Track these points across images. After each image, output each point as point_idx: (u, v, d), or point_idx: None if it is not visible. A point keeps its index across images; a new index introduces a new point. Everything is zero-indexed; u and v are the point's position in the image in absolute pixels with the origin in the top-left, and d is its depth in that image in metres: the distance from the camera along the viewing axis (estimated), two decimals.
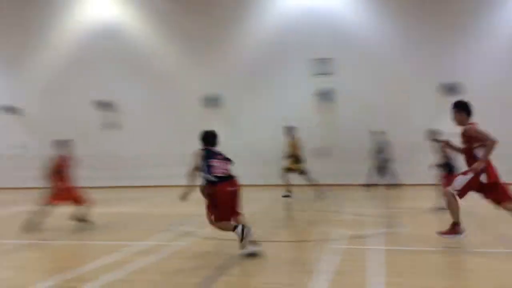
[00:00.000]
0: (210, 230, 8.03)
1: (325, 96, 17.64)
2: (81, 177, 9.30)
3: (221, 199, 6.27)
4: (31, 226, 8.31)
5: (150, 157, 19.68)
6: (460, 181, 6.40)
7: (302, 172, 13.04)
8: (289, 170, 13.19)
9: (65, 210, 8.78)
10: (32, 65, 20.91)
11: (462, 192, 6.37)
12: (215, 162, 6.36)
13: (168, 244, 7.22)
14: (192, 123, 19.23)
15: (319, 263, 5.78)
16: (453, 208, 6.45)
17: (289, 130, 13.43)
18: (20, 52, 20.74)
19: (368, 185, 15.17)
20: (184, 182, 6.31)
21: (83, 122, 19.73)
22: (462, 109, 6.60)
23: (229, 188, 6.31)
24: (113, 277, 5.34)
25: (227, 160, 6.52)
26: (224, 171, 6.37)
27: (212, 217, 6.37)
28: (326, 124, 17.94)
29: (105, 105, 19.55)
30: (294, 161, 13.09)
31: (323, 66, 17.62)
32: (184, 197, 6.35)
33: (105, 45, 19.96)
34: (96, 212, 9.19)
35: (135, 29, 20.05)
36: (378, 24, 17.79)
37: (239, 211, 6.47)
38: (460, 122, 6.57)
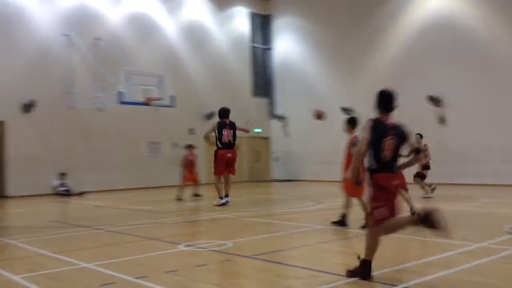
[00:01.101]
0: None
1: None
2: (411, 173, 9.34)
3: (219, 160, 9.22)
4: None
5: (477, 153, 18.48)
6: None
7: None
8: None
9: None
10: (367, 66, 22.37)
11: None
12: (224, 131, 9.40)
13: (506, 247, 6.52)
14: None
15: None
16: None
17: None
18: (358, 55, 22.51)
19: None
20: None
21: (417, 118, 19.95)
22: (349, 122, 8.14)
23: (228, 154, 9.33)
24: (441, 274, 5.14)
25: (233, 128, 9.58)
26: (229, 139, 9.28)
27: (213, 171, 9.54)
28: None
29: (436, 100, 19.25)
30: None
31: None
32: None
33: (438, 38, 19.68)
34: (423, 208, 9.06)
35: (469, 20, 19.01)
36: None
37: (232, 169, 9.72)
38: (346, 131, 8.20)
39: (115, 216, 11.79)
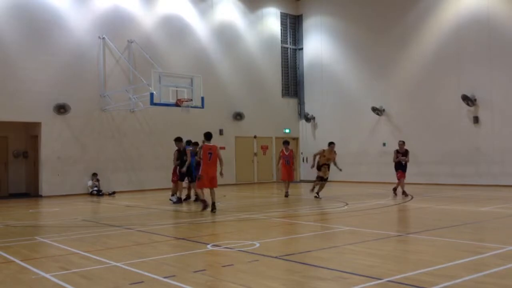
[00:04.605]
0: None
1: None
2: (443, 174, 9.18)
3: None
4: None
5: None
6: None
7: None
8: None
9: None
10: (399, 65, 21.98)
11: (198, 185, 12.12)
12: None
13: None
14: None
15: None
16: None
17: None
18: (389, 55, 22.17)
19: None
20: None
21: (449, 118, 19.57)
22: (204, 136, 11.88)
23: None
24: (470, 277, 5.05)
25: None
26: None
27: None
28: None
29: (469, 99, 18.82)
30: None
31: None
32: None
33: (474, 36, 19.17)
34: (459, 209, 8.92)
35: (507, 17, 18.41)
36: None
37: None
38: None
39: (145, 216, 11.98)
